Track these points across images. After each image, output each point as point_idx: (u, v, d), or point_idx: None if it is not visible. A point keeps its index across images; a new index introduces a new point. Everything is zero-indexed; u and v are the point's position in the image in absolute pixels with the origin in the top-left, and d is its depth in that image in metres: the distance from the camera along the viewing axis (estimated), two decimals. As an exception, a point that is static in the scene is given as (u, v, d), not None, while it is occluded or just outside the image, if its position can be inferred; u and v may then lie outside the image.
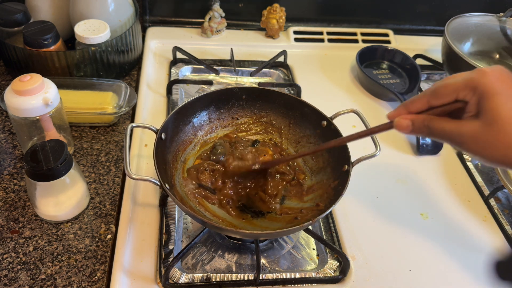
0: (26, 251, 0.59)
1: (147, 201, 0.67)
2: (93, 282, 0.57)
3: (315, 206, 0.63)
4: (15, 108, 0.63)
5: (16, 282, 0.56)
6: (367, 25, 1.12)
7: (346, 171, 0.60)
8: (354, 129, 0.83)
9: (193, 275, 0.59)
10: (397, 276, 0.62)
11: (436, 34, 1.13)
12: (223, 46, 1.01)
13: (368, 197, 0.73)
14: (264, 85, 0.90)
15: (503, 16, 0.95)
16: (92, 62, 0.82)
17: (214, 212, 0.63)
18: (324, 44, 1.07)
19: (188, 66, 0.96)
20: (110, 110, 0.76)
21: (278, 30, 1.04)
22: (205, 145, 0.72)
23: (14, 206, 0.64)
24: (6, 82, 0.84)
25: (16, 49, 0.77)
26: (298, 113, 0.72)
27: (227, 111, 0.75)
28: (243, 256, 0.63)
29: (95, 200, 0.67)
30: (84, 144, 0.75)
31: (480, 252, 0.66)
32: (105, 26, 0.82)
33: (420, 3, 1.10)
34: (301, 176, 0.69)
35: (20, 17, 0.81)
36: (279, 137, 0.75)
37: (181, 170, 0.67)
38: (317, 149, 0.65)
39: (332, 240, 0.66)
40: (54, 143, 0.59)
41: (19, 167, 0.70)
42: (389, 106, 0.92)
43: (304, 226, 0.55)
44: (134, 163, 0.72)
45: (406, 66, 0.98)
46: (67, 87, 0.77)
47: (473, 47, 0.96)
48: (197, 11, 1.04)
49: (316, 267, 0.63)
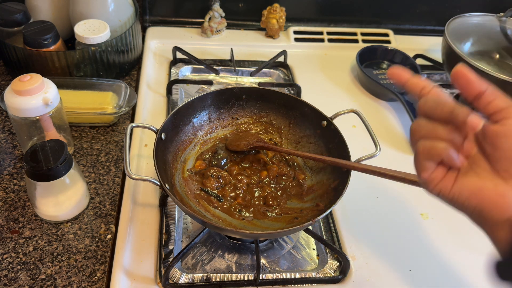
0: (26, 251, 0.59)
1: (147, 201, 0.67)
2: (93, 282, 0.57)
3: (315, 206, 0.63)
4: (15, 108, 0.63)
5: (16, 282, 0.56)
6: (367, 25, 1.12)
7: (346, 171, 0.60)
8: (354, 129, 0.84)
9: (193, 275, 0.59)
10: (397, 276, 0.62)
11: (436, 34, 1.13)
12: (223, 46, 1.01)
13: (368, 197, 0.73)
14: (264, 85, 0.90)
15: (503, 16, 0.95)
16: (92, 62, 0.82)
17: (214, 212, 0.63)
18: (324, 44, 1.07)
19: (188, 66, 0.96)
20: (110, 110, 0.76)
21: (278, 30, 1.04)
22: (205, 145, 0.72)
23: (14, 206, 0.64)
24: (6, 82, 0.84)
25: (16, 49, 0.77)
26: (298, 113, 0.72)
27: (227, 111, 0.75)
28: (243, 256, 0.63)
29: (95, 200, 0.67)
30: (84, 144, 0.75)
31: (480, 252, 0.66)
32: (105, 26, 0.82)
33: (420, 3, 1.10)
34: (301, 176, 0.69)
35: (20, 17, 0.81)
36: (279, 137, 0.75)
37: (181, 170, 0.67)
38: (319, 159, 0.64)
39: (332, 240, 0.66)
40: (54, 143, 0.59)
41: (19, 167, 0.70)
42: (389, 106, 0.92)
43: (304, 226, 0.55)
44: (134, 163, 0.72)
45: (406, 66, 0.98)
46: (67, 87, 0.77)
47: (473, 47, 0.96)
48: (197, 11, 1.04)
49: (316, 267, 0.63)
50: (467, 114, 0.34)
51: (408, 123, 0.85)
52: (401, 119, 0.89)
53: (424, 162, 0.38)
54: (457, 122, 0.35)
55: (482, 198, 0.36)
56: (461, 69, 0.35)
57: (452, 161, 0.36)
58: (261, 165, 0.70)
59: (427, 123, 0.37)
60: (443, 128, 0.36)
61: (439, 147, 0.36)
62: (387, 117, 0.89)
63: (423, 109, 0.38)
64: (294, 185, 0.68)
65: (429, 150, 0.37)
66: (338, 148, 0.65)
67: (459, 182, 0.37)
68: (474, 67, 0.81)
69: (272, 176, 0.68)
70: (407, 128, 0.86)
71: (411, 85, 0.40)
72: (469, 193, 0.37)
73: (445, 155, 0.36)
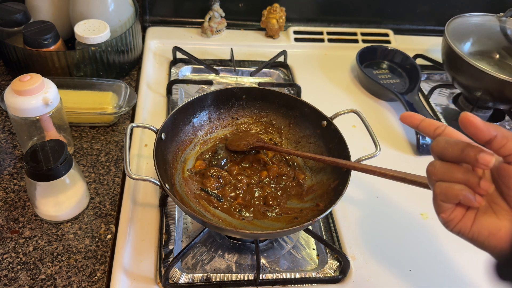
0: (26, 251, 0.59)
1: (147, 201, 0.67)
2: (93, 282, 0.57)
3: (315, 206, 0.63)
4: (15, 108, 0.63)
5: (16, 282, 0.56)
6: (367, 25, 1.12)
7: (346, 171, 0.60)
8: (354, 129, 0.84)
9: (193, 275, 0.59)
10: (397, 276, 0.62)
11: (436, 34, 1.13)
12: (223, 46, 1.01)
13: (368, 197, 0.73)
14: (264, 85, 0.90)
15: (503, 16, 0.95)
16: (92, 62, 0.82)
17: (214, 212, 0.63)
18: (324, 44, 1.07)
19: (188, 66, 0.96)
20: (110, 110, 0.76)
21: (278, 30, 1.04)
22: (205, 145, 0.72)
23: (14, 206, 0.64)
24: (6, 82, 0.84)
25: (16, 49, 0.77)
26: (298, 113, 0.72)
27: (227, 111, 0.75)
28: (243, 256, 0.63)
29: (95, 200, 0.67)
30: (84, 144, 0.75)
31: (480, 252, 0.66)
32: (105, 26, 0.82)
33: (420, 3, 1.10)
34: (301, 176, 0.69)
35: (20, 17, 0.81)
36: (279, 137, 0.75)
37: (181, 170, 0.67)
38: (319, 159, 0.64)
39: (332, 240, 0.66)
40: (54, 143, 0.59)
41: (19, 167, 0.70)
42: (389, 106, 0.92)
43: (304, 226, 0.55)
44: (134, 163, 0.72)
45: (406, 66, 0.98)
46: (67, 87, 0.77)
47: (473, 47, 0.96)
48: (197, 11, 1.04)
49: (316, 267, 0.63)
50: (478, 151, 0.34)
51: (408, 123, 0.85)
52: (401, 119, 0.89)
53: (442, 204, 0.38)
54: (469, 161, 0.35)
55: (500, 238, 0.36)
56: (467, 117, 0.35)
57: (469, 202, 0.36)
58: (261, 165, 0.70)
59: (442, 165, 0.37)
60: (458, 169, 0.36)
61: (456, 188, 0.36)
62: (387, 117, 0.89)
63: (436, 151, 0.38)
64: (294, 185, 0.68)
65: (446, 192, 0.37)
66: (338, 148, 0.65)
67: (478, 222, 0.37)
68: (474, 67, 0.81)
69: (272, 176, 0.68)
70: (407, 128, 0.86)
71: (424, 127, 0.41)
72: (488, 233, 0.37)
73: (462, 197, 0.36)
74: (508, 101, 0.85)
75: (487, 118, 0.94)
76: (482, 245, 0.38)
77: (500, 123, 0.94)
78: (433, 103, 0.94)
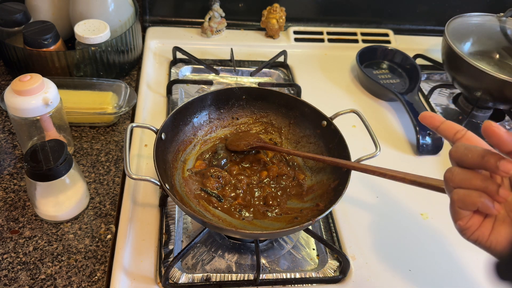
0: (26, 251, 0.59)
1: (147, 201, 0.67)
2: (93, 282, 0.57)
3: (315, 206, 0.63)
4: (15, 108, 0.63)
5: (16, 282, 0.56)
6: (367, 25, 1.12)
7: (346, 171, 0.60)
8: (354, 129, 0.84)
9: (193, 275, 0.59)
10: (397, 276, 0.62)
11: (436, 34, 1.13)
12: (223, 46, 1.01)
13: (368, 197, 0.73)
14: (264, 85, 0.90)
15: (503, 16, 0.95)
16: (92, 62, 0.82)
17: (214, 212, 0.63)
18: (324, 44, 1.07)
19: (188, 66, 0.96)
20: (110, 110, 0.76)
21: (278, 30, 1.04)
22: (205, 145, 0.72)
23: (14, 206, 0.64)
24: (6, 82, 0.84)
25: (16, 49, 0.77)
26: (298, 113, 0.72)
27: (227, 111, 0.75)
28: (243, 256, 0.63)
29: (95, 200, 0.67)
30: (84, 144, 0.75)
31: (480, 252, 0.66)
32: (105, 26, 0.82)
33: (420, 3, 1.10)
34: (301, 176, 0.69)
35: (20, 17, 0.81)
36: (279, 137, 0.75)
37: (181, 170, 0.67)
38: (319, 159, 0.64)
39: (332, 240, 0.66)
40: (54, 143, 0.59)
41: (19, 167, 0.70)
42: (389, 106, 0.92)
43: (304, 226, 0.55)
44: (134, 163, 0.72)
45: (406, 66, 0.98)
46: (67, 87, 0.77)
47: (473, 47, 0.96)
48: (197, 11, 1.04)
49: (316, 267, 0.63)
50: (498, 159, 0.33)
51: (408, 123, 0.85)
52: (401, 119, 0.89)
53: (459, 211, 0.37)
54: (489, 168, 0.34)
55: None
56: (491, 127, 0.34)
57: (488, 209, 0.35)
58: (261, 165, 0.70)
59: (460, 171, 0.37)
60: (476, 176, 0.36)
61: (474, 195, 0.35)
62: (387, 117, 0.89)
63: (455, 157, 0.37)
64: (294, 185, 0.68)
65: (463, 199, 0.36)
66: (338, 148, 0.65)
67: (496, 231, 0.37)
68: (474, 67, 0.81)
69: (272, 176, 0.68)
70: (407, 128, 0.86)
71: (444, 129, 0.40)
72: (506, 243, 0.36)
73: (480, 204, 0.35)
74: (508, 101, 0.85)
75: (487, 118, 0.94)
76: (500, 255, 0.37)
77: (500, 123, 0.94)
78: (433, 103, 0.94)
